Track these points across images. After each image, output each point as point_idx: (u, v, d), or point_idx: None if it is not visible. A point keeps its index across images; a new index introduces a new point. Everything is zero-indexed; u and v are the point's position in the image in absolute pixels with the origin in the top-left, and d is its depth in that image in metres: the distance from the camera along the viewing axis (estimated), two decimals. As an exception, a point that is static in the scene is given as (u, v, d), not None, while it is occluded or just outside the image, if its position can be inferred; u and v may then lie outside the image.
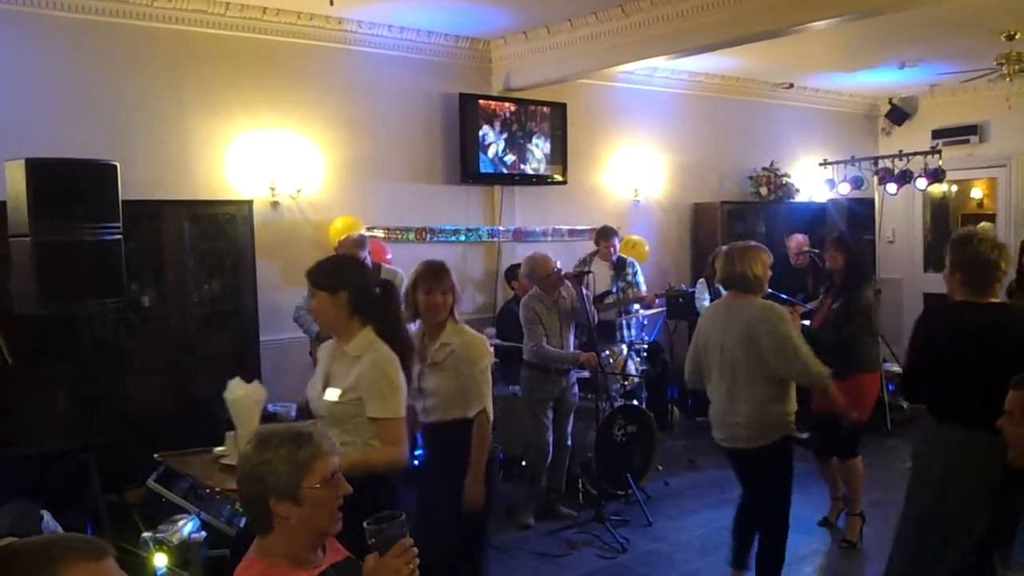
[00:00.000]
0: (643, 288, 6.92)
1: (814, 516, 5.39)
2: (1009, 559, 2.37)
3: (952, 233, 3.38)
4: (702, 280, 7.20)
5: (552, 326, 5.39)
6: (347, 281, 3.10)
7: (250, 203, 5.91)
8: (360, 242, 5.55)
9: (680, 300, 7.33)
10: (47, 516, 4.07)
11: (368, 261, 5.34)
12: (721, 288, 4.23)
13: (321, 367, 3.21)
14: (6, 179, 4.48)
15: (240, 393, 3.32)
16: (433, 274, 3.65)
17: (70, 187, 4.46)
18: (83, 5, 5.39)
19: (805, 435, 6.99)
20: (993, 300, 3.22)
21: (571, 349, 5.52)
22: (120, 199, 4.67)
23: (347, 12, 6.19)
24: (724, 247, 4.19)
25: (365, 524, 1.95)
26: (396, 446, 3.01)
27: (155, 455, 4.12)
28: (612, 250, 6.75)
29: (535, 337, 5.38)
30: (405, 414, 3.07)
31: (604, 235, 6.78)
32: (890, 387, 7.24)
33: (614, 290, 6.73)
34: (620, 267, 6.80)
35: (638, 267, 6.98)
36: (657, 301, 7.03)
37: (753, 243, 4.16)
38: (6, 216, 4.51)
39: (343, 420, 3.04)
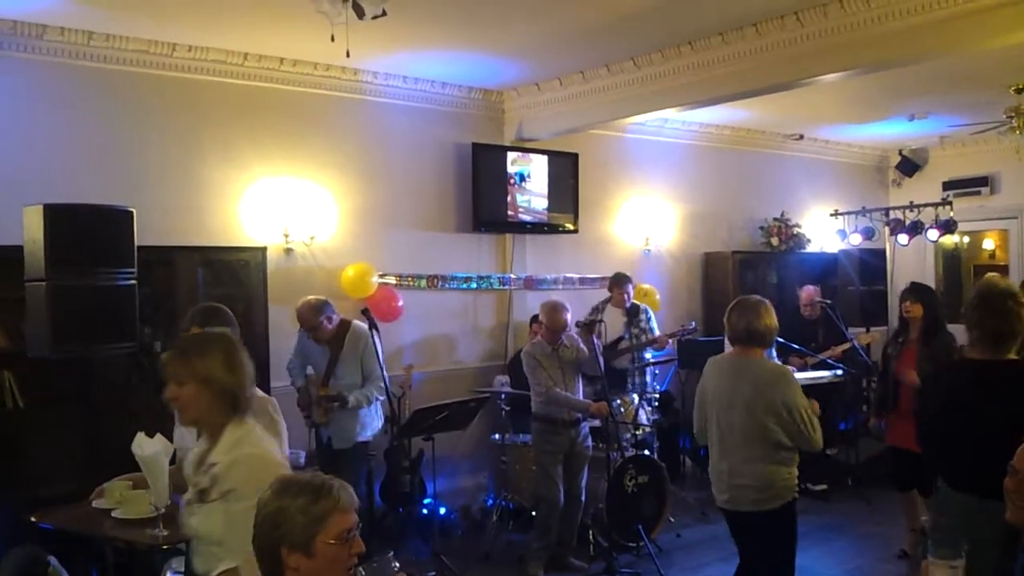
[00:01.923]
0: (655, 331, 6.82)
1: (833, 572, 5.32)
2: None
3: (975, 289, 3.27)
4: None
5: (555, 374, 5.38)
6: None
7: (264, 250, 5.95)
8: (318, 308, 5.25)
9: (691, 339, 7.23)
10: (54, 561, 4.03)
11: (331, 323, 5.24)
12: (728, 343, 4.13)
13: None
14: (24, 224, 4.53)
15: (151, 450, 3.05)
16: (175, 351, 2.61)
17: (87, 232, 4.51)
18: (103, 55, 5.50)
19: (823, 487, 6.96)
20: (1004, 358, 3.09)
21: (580, 397, 5.50)
22: (135, 245, 4.72)
23: (363, 63, 6.30)
24: (759, 299, 4.06)
25: (360, 569, 1.97)
26: None
27: (31, 518, 3.64)
28: (626, 297, 6.72)
29: (542, 382, 5.36)
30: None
31: (618, 282, 6.76)
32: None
33: (626, 336, 6.70)
34: (634, 313, 6.77)
35: (651, 313, 6.93)
36: (669, 342, 6.95)
37: (759, 297, 4.01)
38: (23, 260, 4.56)
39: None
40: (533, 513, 5.67)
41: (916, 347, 5.32)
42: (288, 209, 6.23)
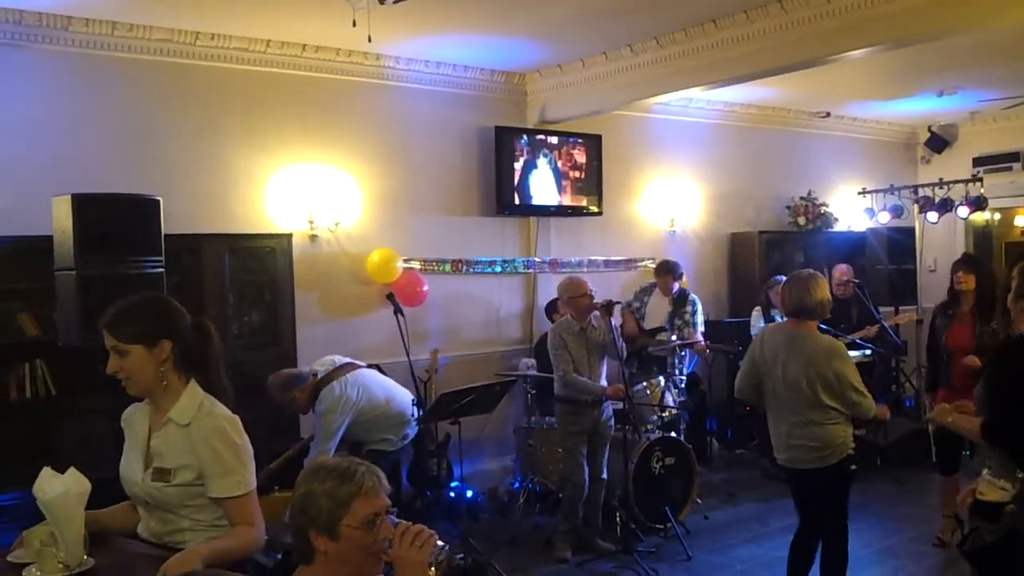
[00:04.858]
0: (700, 327, 6.84)
1: (863, 552, 5.31)
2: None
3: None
4: (757, 309, 7.18)
5: (580, 355, 5.35)
6: (170, 327, 2.49)
7: (289, 236, 5.98)
8: (286, 384, 4.79)
9: (718, 321, 7.25)
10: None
11: (305, 393, 4.79)
12: (781, 316, 4.29)
13: (136, 441, 2.59)
14: (53, 214, 4.60)
15: (57, 491, 2.38)
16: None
17: (114, 222, 4.57)
18: (128, 44, 5.53)
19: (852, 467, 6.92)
20: None
21: (603, 380, 5.48)
22: (162, 233, 4.78)
23: (385, 48, 6.29)
24: (783, 277, 4.27)
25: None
26: (251, 526, 2.45)
27: None
28: (671, 287, 6.82)
29: (562, 364, 5.34)
30: (255, 484, 2.48)
31: (658, 271, 6.95)
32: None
33: (668, 327, 6.69)
34: (680, 303, 6.79)
35: (699, 304, 6.93)
36: (708, 352, 7.03)
37: (812, 271, 4.26)
38: (53, 250, 4.62)
39: (178, 506, 2.47)
40: (560, 495, 5.68)
41: (970, 321, 5.10)
42: (313, 195, 6.25)
